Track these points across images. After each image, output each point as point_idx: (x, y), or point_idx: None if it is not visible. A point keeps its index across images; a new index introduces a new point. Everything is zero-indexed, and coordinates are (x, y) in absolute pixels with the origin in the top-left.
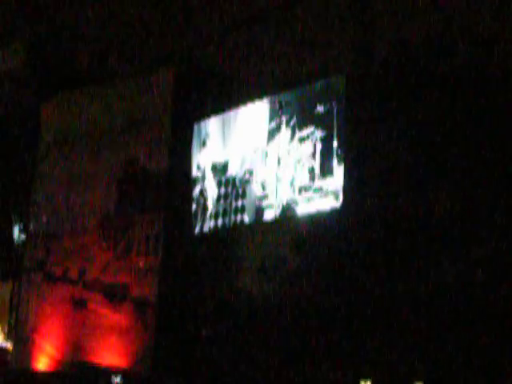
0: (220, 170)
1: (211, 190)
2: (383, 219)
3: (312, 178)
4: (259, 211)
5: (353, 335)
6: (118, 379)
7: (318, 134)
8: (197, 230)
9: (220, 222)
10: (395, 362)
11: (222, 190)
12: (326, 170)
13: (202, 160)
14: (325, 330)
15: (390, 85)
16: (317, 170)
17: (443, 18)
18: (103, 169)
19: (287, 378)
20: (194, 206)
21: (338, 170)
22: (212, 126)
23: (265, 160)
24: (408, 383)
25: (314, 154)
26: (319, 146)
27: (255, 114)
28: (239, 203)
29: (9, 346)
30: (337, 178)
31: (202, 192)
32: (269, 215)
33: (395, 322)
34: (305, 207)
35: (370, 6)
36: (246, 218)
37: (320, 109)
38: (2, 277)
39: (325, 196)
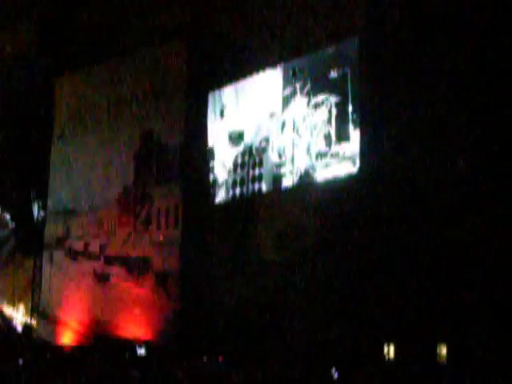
0: (236, 139)
1: (228, 159)
2: (401, 183)
3: (328, 144)
4: (277, 179)
5: (375, 299)
6: (142, 351)
7: (333, 99)
8: (215, 200)
9: (238, 191)
10: (418, 324)
11: (239, 159)
12: (342, 136)
13: (218, 130)
14: (347, 295)
15: (403, 44)
16: (333, 136)
17: None
18: (120, 143)
19: (311, 343)
20: (211, 177)
21: (354, 134)
22: (226, 95)
23: (280, 127)
24: (431, 345)
25: (329, 120)
26: (334, 112)
27: (268, 81)
28: (256, 172)
29: (33, 322)
30: (353, 143)
31: (218, 162)
32: (286, 183)
33: (417, 285)
34: (322, 173)
35: None
36: (264, 187)
37: (333, 74)
38: (23, 254)
39: (342, 161)
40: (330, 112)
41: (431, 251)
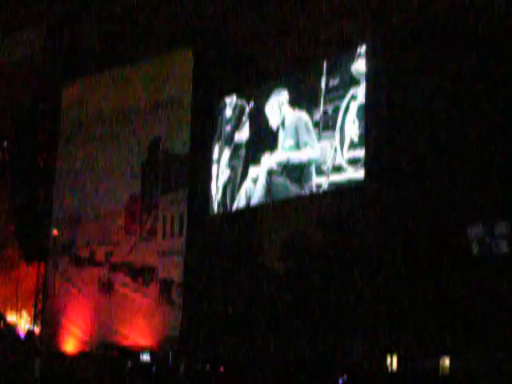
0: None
1: (238, 166)
2: (406, 193)
3: (338, 150)
4: (282, 189)
5: (379, 311)
6: (146, 357)
7: (341, 108)
8: (221, 209)
9: (244, 200)
10: (422, 337)
11: (246, 169)
12: (350, 143)
13: (228, 137)
14: (351, 306)
15: (412, 52)
16: (346, 142)
17: None
18: (126, 151)
19: (315, 353)
20: (216, 186)
21: (360, 143)
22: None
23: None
24: (434, 357)
25: (337, 128)
26: (342, 121)
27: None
28: (262, 181)
29: (36, 329)
30: (360, 150)
31: (224, 172)
32: (292, 192)
33: (421, 296)
34: (331, 178)
35: None
36: (269, 197)
37: (333, 83)
38: (26, 259)
39: (350, 167)
40: (339, 120)
41: (437, 263)
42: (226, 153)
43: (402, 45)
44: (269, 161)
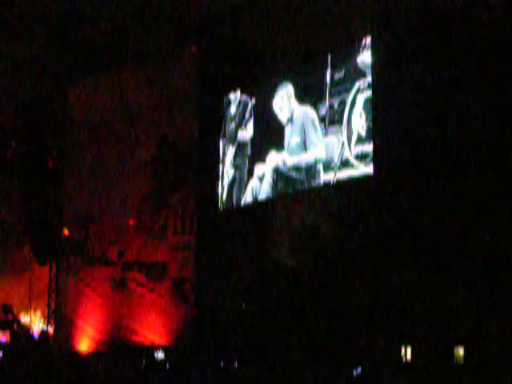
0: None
1: (243, 164)
2: (417, 184)
3: (345, 146)
4: (292, 182)
5: (392, 301)
6: (161, 354)
7: (348, 101)
8: (230, 204)
9: (250, 199)
10: (435, 326)
11: (254, 162)
12: (358, 137)
13: (232, 134)
14: (365, 298)
15: (418, 42)
16: (354, 137)
17: None
18: (135, 149)
19: (328, 346)
20: (226, 181)
21: (368, 137)
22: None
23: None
24: (449, 348)
25: (344, 122)
26: (348, 115)
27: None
28: (271, 174)
29: (50, 329)
30: (368, 145)
31: (229, 170)
32: (302, 185)
33: (436, 288)
34: (339, 174)
35: None
36: (279, 189)
37: (339, 76)
38: (38, 260)
39: (358, 163)
40: (346, 114)
41: (447, 252)
42: (231, 151)
43: (408, 35)
44: (275, 159)
